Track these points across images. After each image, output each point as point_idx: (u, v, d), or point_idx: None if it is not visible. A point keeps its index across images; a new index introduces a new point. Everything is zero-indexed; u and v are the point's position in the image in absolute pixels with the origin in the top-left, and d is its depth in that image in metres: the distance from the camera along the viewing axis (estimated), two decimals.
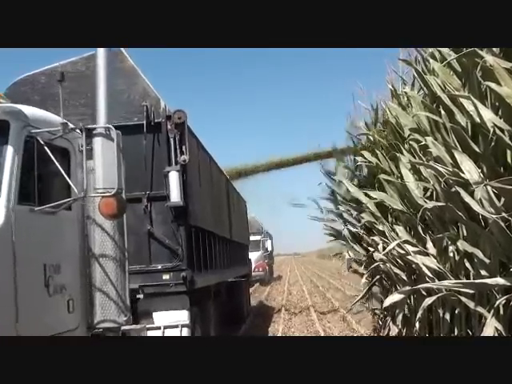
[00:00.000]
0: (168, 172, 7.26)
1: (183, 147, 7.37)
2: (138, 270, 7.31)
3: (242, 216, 15.23)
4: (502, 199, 3.77)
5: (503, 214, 3.68)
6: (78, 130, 4.46)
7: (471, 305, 4.77)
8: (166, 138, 7.37)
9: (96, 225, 4.88)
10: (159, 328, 7.24)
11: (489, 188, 3.71)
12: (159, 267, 7.30)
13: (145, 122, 7.33)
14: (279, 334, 12.91)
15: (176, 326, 7.26)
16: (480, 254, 4.44)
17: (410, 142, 5.76)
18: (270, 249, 35.40)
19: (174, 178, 7.22)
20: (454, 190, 4.35)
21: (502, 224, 3.77)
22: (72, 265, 4.80)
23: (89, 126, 4.55)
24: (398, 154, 6.26)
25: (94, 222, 4.89)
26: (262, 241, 32.28)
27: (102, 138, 4.46)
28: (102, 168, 4.33)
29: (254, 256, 27.30)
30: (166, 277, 7.27)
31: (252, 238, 25.21)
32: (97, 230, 4.89)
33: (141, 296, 7.66)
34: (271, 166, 20.02)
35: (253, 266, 27.01)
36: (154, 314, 7.29)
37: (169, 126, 7.36)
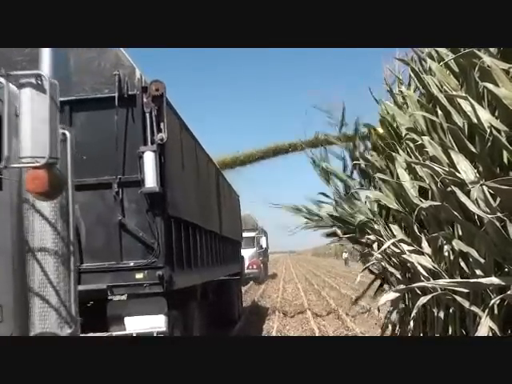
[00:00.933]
0: (142, 152, 6.03)
1: (161, 124, 6.14)
2: (107, 267, 6.10)
3: (234, 210, 13.93)
4: (498, 199, 3.72)
5: (499, 214, 3.64)
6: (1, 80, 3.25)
7: (466, 304, 4.68)
8: (142, 113, 6.13)
9: (34, 210, 3.67)
10: (131, 336, 6.05)
11: (485, 188, 3.67)
12: (131, 264, 6.08)
13: (116, 95, 6.09)
14: (274, 332, 12.13)
15: (151, 334, 6.07)
16: (475, 254, 4.38)
17: (406, 142, 5.63)
18: (264, 246, 33.66)
19: (149, 159, 5.99)
20: (449, 189, 4.30)
21: (498, 224, 3.71)
22: (1, 262, 3.61)
23: (13, 73, 3.31)
24: (393, 154, 6.06)
25: (33, 206, 3.68)
26: (257, 238, 30.63)
27: (30, 89, 3.17)
28: (29, 130, 3.10)
29: (247, 253, 26.14)
30: (139, 276, 6.06)
31: (246, 234, 24.06)
32: (36, 216, 3.68)
33: (117, 297, 6.53)
34: (268, 152, 18.31)
35: (246, 264, 25.88)
36: (126, 319, 6.08)
37: (144, 99, 6.12)
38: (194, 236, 7.87)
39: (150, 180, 5.95)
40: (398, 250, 5.84)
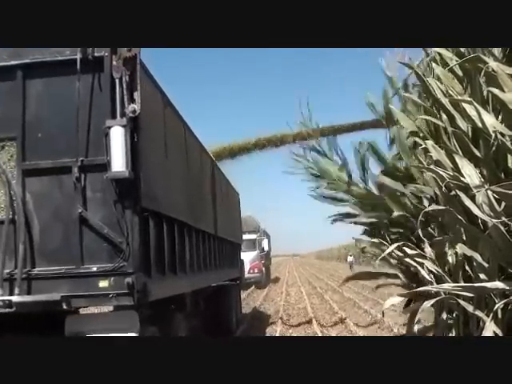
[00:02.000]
0: (109, 127, 4.63)
1: (134, 93, 4.76)
2: (64, 272, 4.70)
3: (232, 209, 12.40)
4: (503, 204, 3.62)
5: (503, 219, 3.55)
6: None
7: (470, 308, 4.51)
8: (110, 80, 4.75)
9: None
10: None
11: (489, 192, 3.57)
12: (94, 269, 4.68)
13: (79, 57, 4.74)
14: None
15: None
16: (479, 258, 4.26)
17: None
18: (266, 249, 31.44)
19: (117, 136, 4.59)
20: (453, 193, 4.23)
21: (502, 228, 3.59)
22: None
23: None
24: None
25: None
26: (259, 240, 28.46)
27: None
28: None
29: (248, 256, 24.65)
30: (103, 284, 4.65)
31: (247, 236, 22.60)
32: None
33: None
34: (265, 142, 16.37)
35: (247, 268, 24.44)
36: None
37: (114, 63, 4.73)
38: (182, 236, 6.46)
39: (118, 162, 4.56)
40: (402, 254, 5.50)
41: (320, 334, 12.03)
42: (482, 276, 4.26)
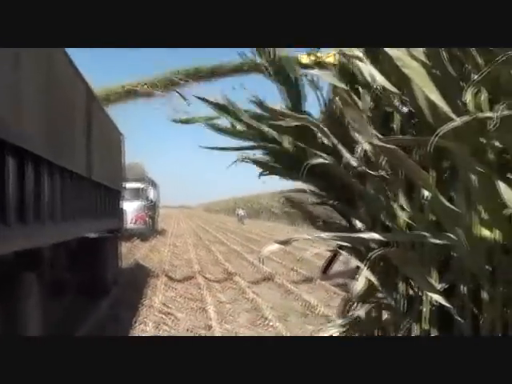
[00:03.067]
0: None
1: None
2: None
3: (113, 151, 10.68)
4: (384, 159, 3.75)
5: (382, 173, 3.65)
6: None
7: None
8: None
9: None
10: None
11: (369, 146, 3.68)
12: None
13: None
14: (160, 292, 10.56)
15: None
16: (360, 210, 4.47)
17: None
18: (152, 198, 28.63)
19: None
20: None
21: (381, 182, 3.74)
22: None
23: None
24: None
25: None
26: (144, 189, 26.06)
27: None
28: None
29: (132, 206, 22.94)
30: None
31: (132, 185, 20.73)
32: None
33: None
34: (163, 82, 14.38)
35: (130, 218, 22.81)
36: None
37: None
38: (38, 175, 4.95)
39: None
40: None
41: (204, 286, 11.62)
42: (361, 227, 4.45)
